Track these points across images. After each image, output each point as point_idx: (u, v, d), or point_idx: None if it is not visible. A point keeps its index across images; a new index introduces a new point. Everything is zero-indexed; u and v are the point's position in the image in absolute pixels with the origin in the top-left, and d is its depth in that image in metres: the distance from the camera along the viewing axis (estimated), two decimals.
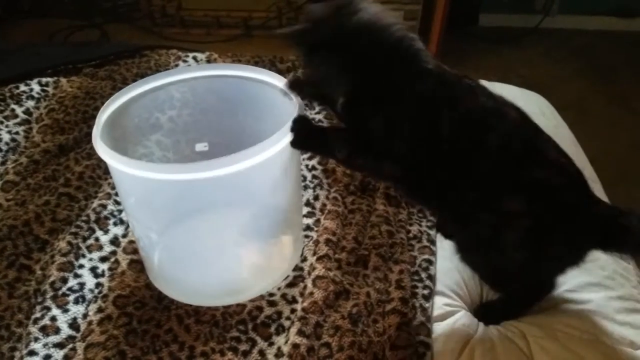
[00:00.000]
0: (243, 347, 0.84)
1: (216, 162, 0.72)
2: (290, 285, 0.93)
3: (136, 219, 0.90)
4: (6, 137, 1.18)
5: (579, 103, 2.40)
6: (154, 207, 0.88)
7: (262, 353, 0.83)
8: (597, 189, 1.19)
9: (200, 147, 1.05)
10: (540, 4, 2.87)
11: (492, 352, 0.84)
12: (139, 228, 0.91)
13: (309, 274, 0.93)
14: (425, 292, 0.92)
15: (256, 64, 1.43)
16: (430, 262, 0.97)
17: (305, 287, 0.92)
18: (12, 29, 2.87)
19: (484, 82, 1.43)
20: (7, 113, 1.25)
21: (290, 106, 0.87)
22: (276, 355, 0.82)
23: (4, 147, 1.16)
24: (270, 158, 0.76)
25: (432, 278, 0.95)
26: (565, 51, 2.84)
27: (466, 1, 2.76)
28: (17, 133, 1.20)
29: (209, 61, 1.43)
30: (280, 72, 1.39)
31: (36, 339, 0.80)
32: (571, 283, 0.95)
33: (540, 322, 0.89)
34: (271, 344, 0.84)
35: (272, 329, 0.86)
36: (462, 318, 0.90)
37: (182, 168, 0.74)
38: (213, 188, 0.79)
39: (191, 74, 0.97)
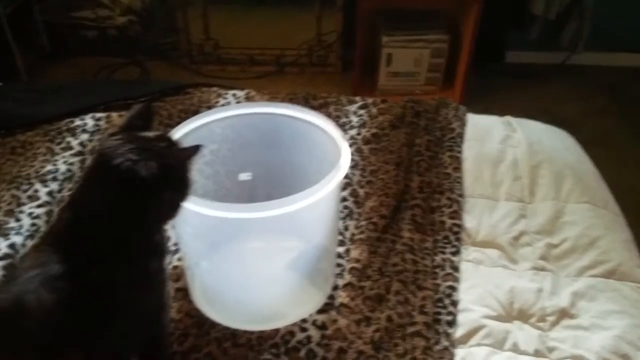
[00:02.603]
0: None
1: (273, 203, 0.79)
2: (321, 311, 0.99)
3: (189, 247, 0.97)
4: (63, 167, 1.28)
5: (604, 139, 2.42)
6: (208, 238, 0.94)
7: None
8: (620, 223, 1.23)
9: (244, 176, 1.12)
10: (566, 41, 2.91)
11: None
12: (191, 256, 0.98)
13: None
14: (449, 318, 0.97)
15: (291, 100, 1.50)
16: (453, 288, 1.02)
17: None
18: (60, 66, 3.03)
19: (509, 118, 1.51)
20: (63, 145, 1.35)
21: (327, 141, 0.94)
22: None
23: (61, 177, 1.26)
24: (319, 199, 0.83)
25: (455, 304, 1.00)
26: (591, 88, 2.86)
27: (492, 38, 2.82)
28: (72, 164, 1.30)
29: (247, 98, 1.52)
30: (313, 108, 1.47)
31: None
32: (596, 310, 1.00)
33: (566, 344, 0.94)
34: None
35: (302, 354, 0.92)
36: (487, 337, 0.95)
37: (243, 208, 0.81)
38: (263, 223, 0.85)
39: (237, 112, 1.05)
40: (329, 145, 0.97)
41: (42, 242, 0.75)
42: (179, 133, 0.99)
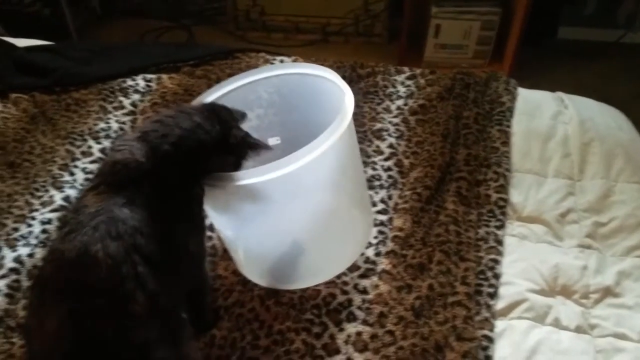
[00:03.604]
0: (316, 329, 0.93)
1: (268, 167, 0.80)
2: (362, 276, 1.01)
3: (213, 218, 0.99)
4: (115, 125, 1.32)
5: None
6: (224, 209, 0.95)
7: (332, 337, 0.91)
8: None
9: (273, 141, 1.12)
10: (622, 18, 2.79)
11: (558, 345, 0.90)
12: (218, 227, 1.01)
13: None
14: (491, 290, 0.98)
15: (338, 68, 1.50)
16: (496, 261, 1.02)
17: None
18: (108, 28, 3.09)
19: (561, 94, 1.48)
20: (115, 104, 1.39)
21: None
22: (345, 342, 0.90)
23: (113, 135, 1.30)
24: (320, 156, 0.82)
25: (497, 277, 1.00)
26: None
27: (545, 13, 2.73)
28: (124, 123, 1.34)
29: None
30: (360, 77, 1.47)
31: None
32: (638, 291, 0.99)
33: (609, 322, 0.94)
34: (341, 330, 0.92)
35: (343, 316, 0.94)
36: (529, 310, 0.95)
37: (240, 175, 0.83)
38: (273, 186, 0.85)
39: (275, 72, 1.06)
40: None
41: (102, 183, 0.76)
42: (217, 94, 1.01)
